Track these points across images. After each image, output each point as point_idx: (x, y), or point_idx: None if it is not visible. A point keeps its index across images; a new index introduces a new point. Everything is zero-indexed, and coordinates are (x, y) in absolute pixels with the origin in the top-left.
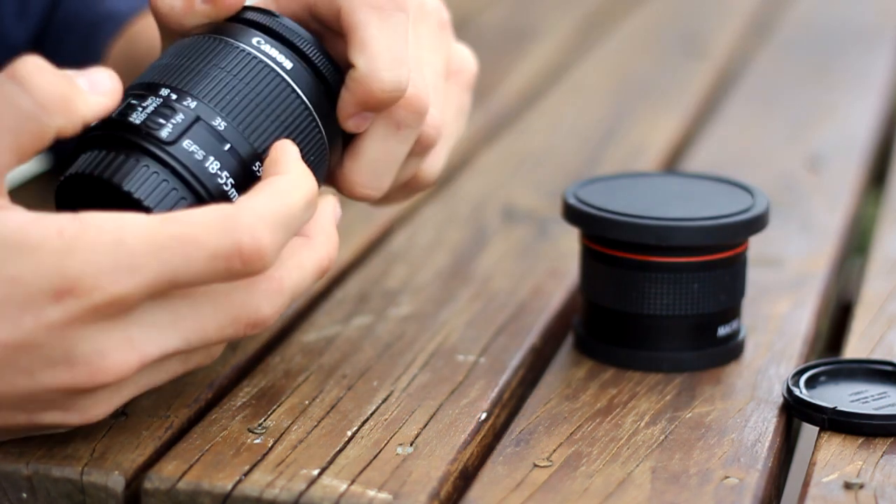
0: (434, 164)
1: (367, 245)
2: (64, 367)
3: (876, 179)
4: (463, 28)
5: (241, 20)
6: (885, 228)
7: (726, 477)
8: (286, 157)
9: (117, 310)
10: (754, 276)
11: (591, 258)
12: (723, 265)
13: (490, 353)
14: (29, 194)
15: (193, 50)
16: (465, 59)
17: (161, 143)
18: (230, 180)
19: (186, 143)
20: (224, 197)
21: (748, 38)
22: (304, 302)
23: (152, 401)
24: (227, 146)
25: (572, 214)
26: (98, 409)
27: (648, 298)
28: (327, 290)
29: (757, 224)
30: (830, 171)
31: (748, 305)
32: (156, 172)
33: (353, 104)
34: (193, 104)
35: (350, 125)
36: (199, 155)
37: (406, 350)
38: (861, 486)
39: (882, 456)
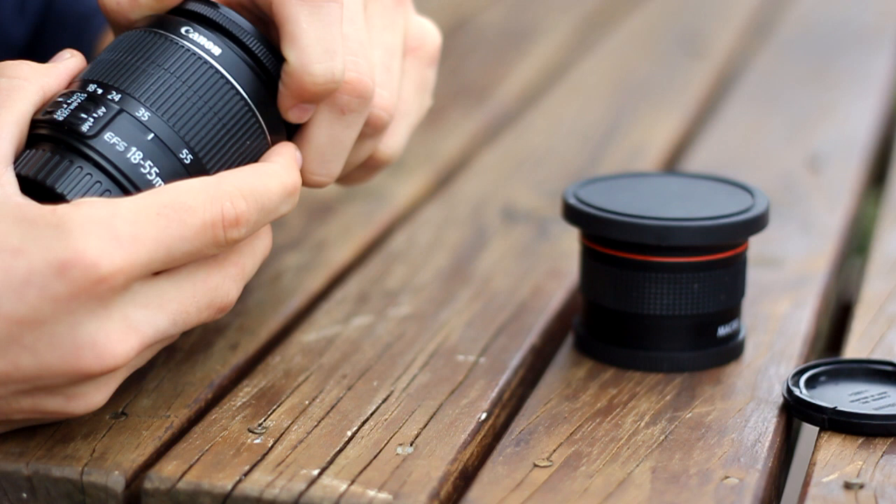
0: (392, 143)
1: (367, 245)
2: (70, 350)
3: (876, 179)
4: (463, 28)
5: (179, 11)
6: (885, 228)
7: (726, 477)
8: (275, 153)
9: (122, 282)
10: (754, 276)
11: (591, 258)
12: (723, 265)
13: (490, 353)
14: None
15: (123, 44)
16: (427, 33)
17: (82, 137)
18: (154, 169)
19: (108, 136)
20: (149, 187)
21: (748, 38)
22: (304, 302)
23: (152, 401)
24: (151, 136)
25: (572, 214)
26: (99, 395)
27: (648, 298)
28: (327, 290)
29: (757, 224)
30: (830, 171)
31: (748, 305)
32: (79, 167)
33: (289, 97)
34: (118, 97)
35: (291, 117)
36: (121, 146)
37: (406, 350)
38: (861, 486)
39: (882, 456)
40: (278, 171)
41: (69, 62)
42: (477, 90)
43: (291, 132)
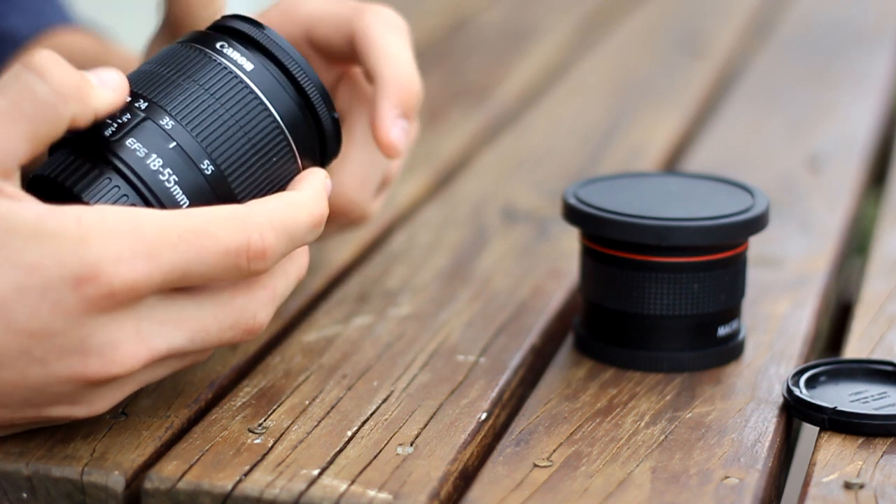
0: (398, 163)
1: (367, 245)
2: (78, 357)
3: (876, 179)
4: (463, 28)
5: (218, 27)
6: (885, 228)
7: (726, 477)
8: (306, 180)
9: (132, 297)
10: (754, 276)
11: (591, 258)
12: (723, 265)
13: (490, 353)
14: None
15: (160, 57)
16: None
17: (104, 140)
18: (174, 177)
19: (129, 142)
20: (167, 195)
21: (748, 38)
22: (304, 302)
23: (152, 401)
24: (173, 144)
25: (572, 214)
26: (103, 402)
27: (648, 298)
28: (327, 290)
29: (757, 224)
30: (830, 171)
31: (748, 305)
32: (98, 170)
33: (391, 109)
34: (144, 105)
35: (392, 135)
36: (142, 153)
37: (406, 350)
38: (861, 486)
39: (882, 456)
40: (308, 201)
41: (112, 97)
42: (477, 90)
43: (324, 158)
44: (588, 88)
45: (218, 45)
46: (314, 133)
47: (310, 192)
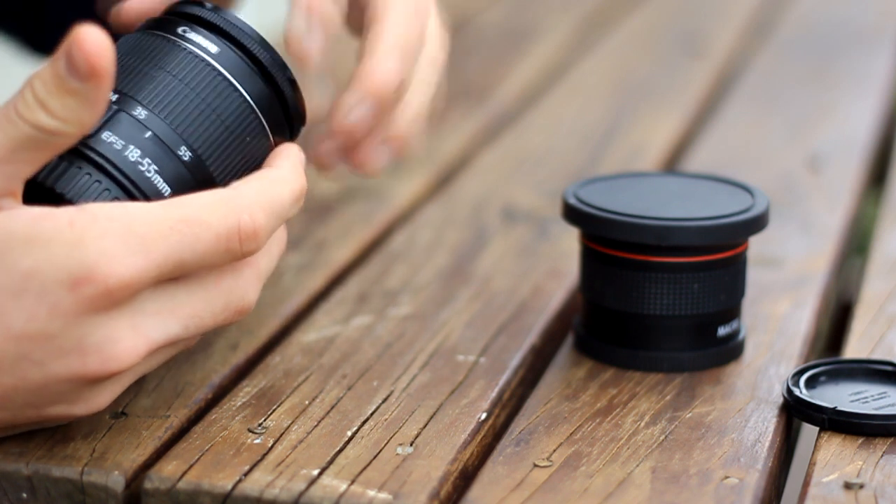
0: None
1: (367, 245)
2: (76, 357)
3: (876, 179)
4: (463, 28)
5: (176, 14)
6: (885, 228)
7: (726, 477)
8: (281, 156)
9: (129, 293)
10: (754, 276)
11: (591, 258)
12: (723, 265)
13: (490, 353)
14: None
15: (122, 48)
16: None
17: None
18: (153, 167)
19: (105, 135)
20: (149, 185)
21: (748, 38)
22: (304, 302)
23: (152, 401)
24: (149, 134)
25: (572, 214)
26: (102, 398)
27: (648, 298)
28: (327, 290)
29: (757, 224)
30: (830, 171)
31: (748, 305)
32: (78, 167)
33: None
34: (115, 97)
35: (350, 118)
36: (119, 145)
37: (406, 350)
38: (861, 486)
39: (882, 456)
40: (287, 176)
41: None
42: (477, 90)
43: (294, 134)
44: (588, 88)
45: (180, 31)
46: (281, 106)
47: (288, 166)
